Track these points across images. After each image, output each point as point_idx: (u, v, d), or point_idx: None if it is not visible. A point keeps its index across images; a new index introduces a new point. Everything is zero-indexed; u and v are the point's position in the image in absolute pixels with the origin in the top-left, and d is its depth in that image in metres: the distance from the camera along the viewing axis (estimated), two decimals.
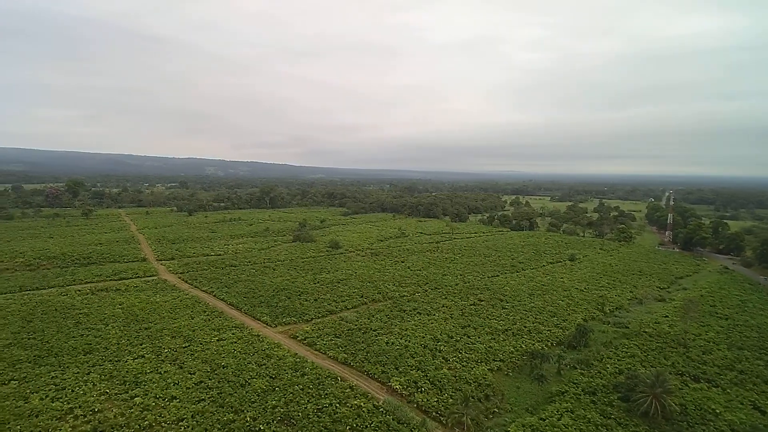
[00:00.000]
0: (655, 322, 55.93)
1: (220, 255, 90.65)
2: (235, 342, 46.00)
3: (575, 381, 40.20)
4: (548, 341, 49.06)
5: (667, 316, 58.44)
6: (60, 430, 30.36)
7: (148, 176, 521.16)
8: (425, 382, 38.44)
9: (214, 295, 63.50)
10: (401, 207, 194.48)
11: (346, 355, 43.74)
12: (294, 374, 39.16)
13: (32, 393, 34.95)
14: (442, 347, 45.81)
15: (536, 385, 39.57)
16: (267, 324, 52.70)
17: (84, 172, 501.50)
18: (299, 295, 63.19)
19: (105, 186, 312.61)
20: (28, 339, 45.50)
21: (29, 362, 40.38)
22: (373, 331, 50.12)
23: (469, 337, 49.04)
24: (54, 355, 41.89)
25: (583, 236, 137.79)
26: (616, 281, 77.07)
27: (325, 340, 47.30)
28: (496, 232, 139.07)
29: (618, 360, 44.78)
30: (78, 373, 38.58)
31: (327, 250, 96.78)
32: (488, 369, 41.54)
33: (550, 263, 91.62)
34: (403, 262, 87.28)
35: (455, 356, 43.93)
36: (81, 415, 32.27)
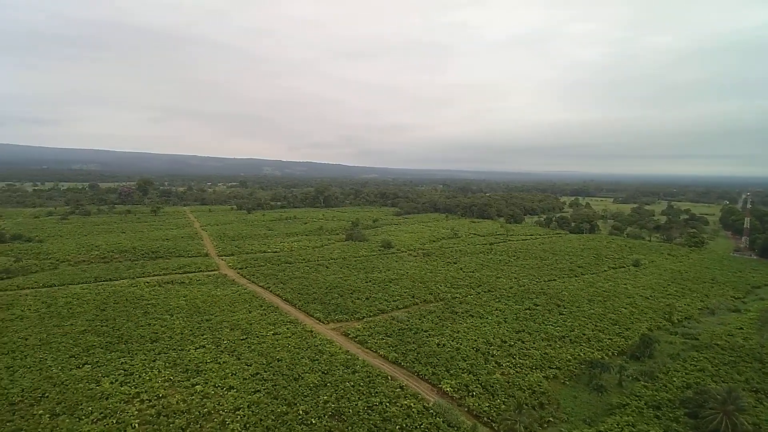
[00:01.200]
0: (729, 335, 51.74)
1: (276, 252, 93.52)
2: (290, 337, 47.32)
3: (638, 394, 37.97)
4: (609, 350, 46.69)
5: (741, 328, 53.92)
6: (127, 412, 32.49)
7: (211, 176, 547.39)
8: (477, 386, 37.73)
9: (270, 291, 65.63)
10: (454, 207, 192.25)
11: (396, 355, 43.81)
12: (345, 371, 39.71)
13: (103, 377, 37.66)
14: (494, 351, 44.80)
15: (595, 396, 37.79)
16: (320, 320, 53.82)
17: (153, 171, 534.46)
18: (351, 293, 64.02)
19: (172, 185, 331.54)
20: (101, 326, 49.08)
21: (102, 348, 43.54)
22: (424, 331, 49.86)
23: (523, 342, 47.62)
24: (124, 342, 44.94)
25: (650, 240, 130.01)
26: (685, 289, 72.03)
27: (376, 339, 47.62)
28: (553, 234, 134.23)
29: (686, 373, 41.82)
30: (145, 359, 41.14)
31: (379, 250, 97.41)
32: (543, 376, 40.12)
33: (612, 268, 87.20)
34: (455, 263, 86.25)
35: (508, 361, 42.82)
36: (146, 399, 34.41)
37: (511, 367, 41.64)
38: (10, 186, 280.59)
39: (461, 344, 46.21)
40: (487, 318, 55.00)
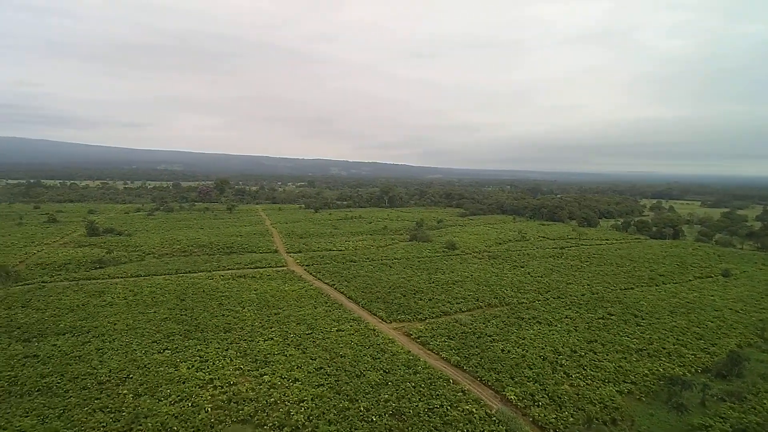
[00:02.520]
0: None
1: (341, 251, 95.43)
2: (353, 334, 48.02)
3: (723, 415, 34.51)
4: (691, 367, 42.89)
5: None
6: (201, 397, 34.56)
7: (281, 176, 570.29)
8: (543, 397, 36.13)
9: (335, 288, 67.04)
10: (522, 209, 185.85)
11: (459, 358, 43.03)
12: (407, 371, 39.60)
13: (181, 362, 40.29)
14: (563, 361, 42.69)
15: (674, 415, 34.82)
16: (382, 319, 54.14)
17: (229, 171, 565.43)
18: (414, 293, 63.83)
19: (246, 184, 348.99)
20: (181, 315, 52.57)
21: (180, 335, 46.62)
22: (488, 336, 48.58)
23: (595, 353, 44.96)
24: (200, 331, 47.82)
25: (741, 249, 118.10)
26: None
27: (438, 341, 47.07)
28: (631, 239, 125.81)
29: None
30: (218, 348, 43.51)
31: (443, 251, 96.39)
32: (617, 390, 37.61)
33: (698, 278, 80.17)
34: (522, 267, 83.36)
35: (578, 372, 40.61)
36: (219, 386, 36.38)
37: (581, 379, 39.47)
38: (104, 184, 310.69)
39: (527, 351, 44.50)
40: (555, 326, 52.57)
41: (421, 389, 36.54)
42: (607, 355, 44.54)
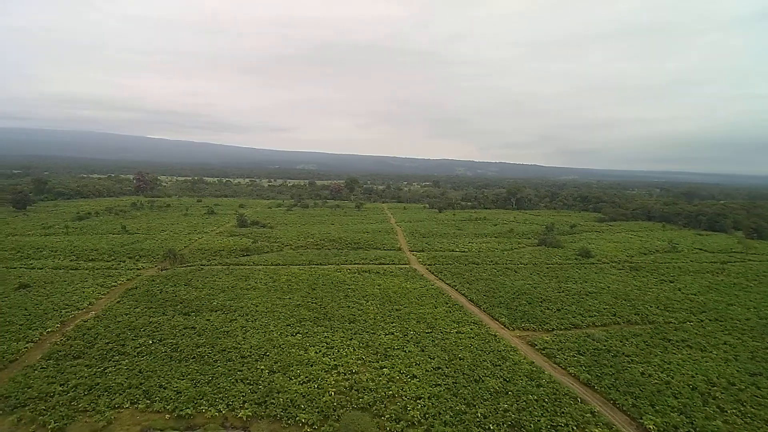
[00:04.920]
0: None
1: (464, 252, 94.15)
2: (473, 337, 46.99)
3: None
4: None
5: None
6: (326, 380, 36.82)
7: (407, 175, 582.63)
8: (689, 431, 31.42)
9: (456, 289, 66.32)
10: (674, 216, 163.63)
11: (589, 376, 39.48)
12: (529, 383, 37.53)
13: (310, 346, 43.35)
14: (717, 394, 36.64)
15: None
16: (504, 325, 52.09)
17: (358, 171, 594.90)
18: (541, 302, 60.25)
19: (373, 183, 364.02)
20: (311, 303, 56.58)
21: (310, 322, 50.17)
22: (626, 356, 43.75)
23: (758, 388, 37.78)
24: (328, 319, 50.95)
25: None
26: None
27: (567, 355, 43.74)
28: None
29: None
30: (343, 337, 45.92)
31: (576, 258, 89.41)
32: None
33: None
34: (671, 281, 73.53)
35: (735, 408, 34.50)
36: (342, 372, 38.39)
37: (738, 416, 33.48)
38: (252, 182, 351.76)
39: (672, 378, 39.11)
40: (710, 352, 45.37)
41: (544, 404, 34.31)
42: None
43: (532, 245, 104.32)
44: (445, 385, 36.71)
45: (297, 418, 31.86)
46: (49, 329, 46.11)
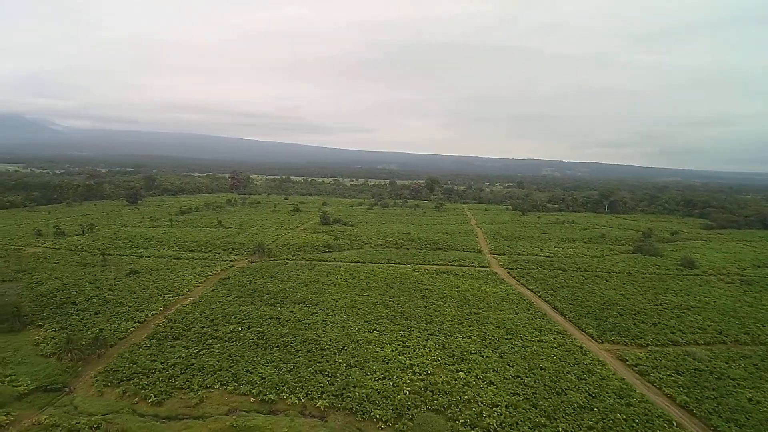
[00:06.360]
0: None
1: (549, 257, 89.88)
2: (556, 347, 44.65)
3: None
4: None
5: None
6: (401, 379, 37.05)
7: (489, 176, 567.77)
8: None
9: (539, 296, 63.44)
10: None
11: (687, 399, 35.80)
12: (618, 400, 34.86)
13: (386, 344, 43.81)
14: None
15: None
16: (592, 337, 48.84)
17: (439, 171, 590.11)
18: (634, 314, 55.68)
19: (454, 183, 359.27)
20: (389, 301, 57.14)
21: (387, 319, 50.68)
22: (732, 379, 39.13)
23: None
24: (405, 318, 51.14)
25: None
26: None
27: (662, 374, 40.03)
28: None
29: None
30: (419, 337, 45.83)
31: (676, 269, 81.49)
32: None
33: None
34: None
35: None
36: (417, 372, 38.36)
37: None
38: (335, 181, 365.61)
39: None
40: None
41: (634, 424, 31.69)
42: None
43: (626, 253, 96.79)
44: (524, 394, 35.24)
45: (372, 413, 32.34)
46: (154, 312, 51.15)
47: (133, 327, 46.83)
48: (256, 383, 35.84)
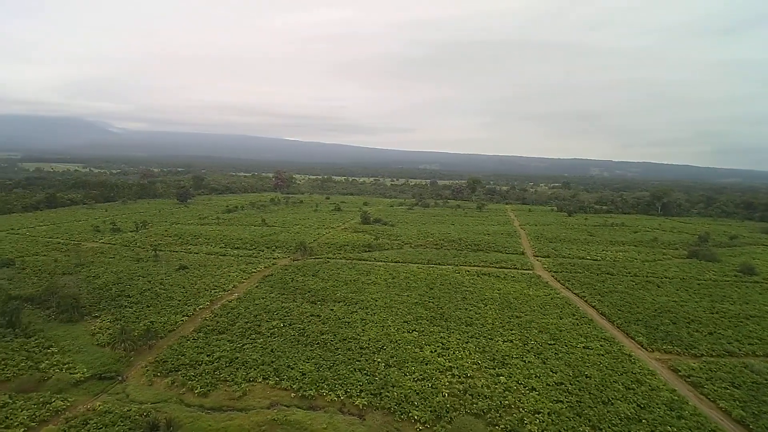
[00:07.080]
0: None
1: (596, 260, 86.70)
2: (602, 354, 43.02)
3: None
4: None
5: None
6: (440, 381, 36.77)
7: (533, 176, 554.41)
8: None
9: (586, 301, 61.31)
10: None
11: (744, 414, 33.62)
12: (669, 412, 33.20)
13: (426, 345, 43.59)
14: None
15: None
16: (641, 345, 46.72)
17: (481, 171, 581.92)
18: (688, 322, 52.83)
19: (496, 183, 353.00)
20: (429, 302, 56.81)
21: (427, 320, 50.42)
22: None
23: None
24: (444, 320, 50.71)
25: None
26: None
27: (717, 386, 37.78)
28: None
29: None
30: (459, 339, 45.33)
31: (735, 275, 76.68)
32: None
33: None
34: None
35: None
36: (457, 375, 37.95)
37: None
38: (376, 180, 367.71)
39: None
40: None
41: None
42: None
43: (680, 257, 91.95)
44: (567, 402, 34.16)
45: (410, 414, 32.29)
46: (201, 306, 53.20)
47: (182, 320, 48.89)
48: (297, 379, 36.58)
